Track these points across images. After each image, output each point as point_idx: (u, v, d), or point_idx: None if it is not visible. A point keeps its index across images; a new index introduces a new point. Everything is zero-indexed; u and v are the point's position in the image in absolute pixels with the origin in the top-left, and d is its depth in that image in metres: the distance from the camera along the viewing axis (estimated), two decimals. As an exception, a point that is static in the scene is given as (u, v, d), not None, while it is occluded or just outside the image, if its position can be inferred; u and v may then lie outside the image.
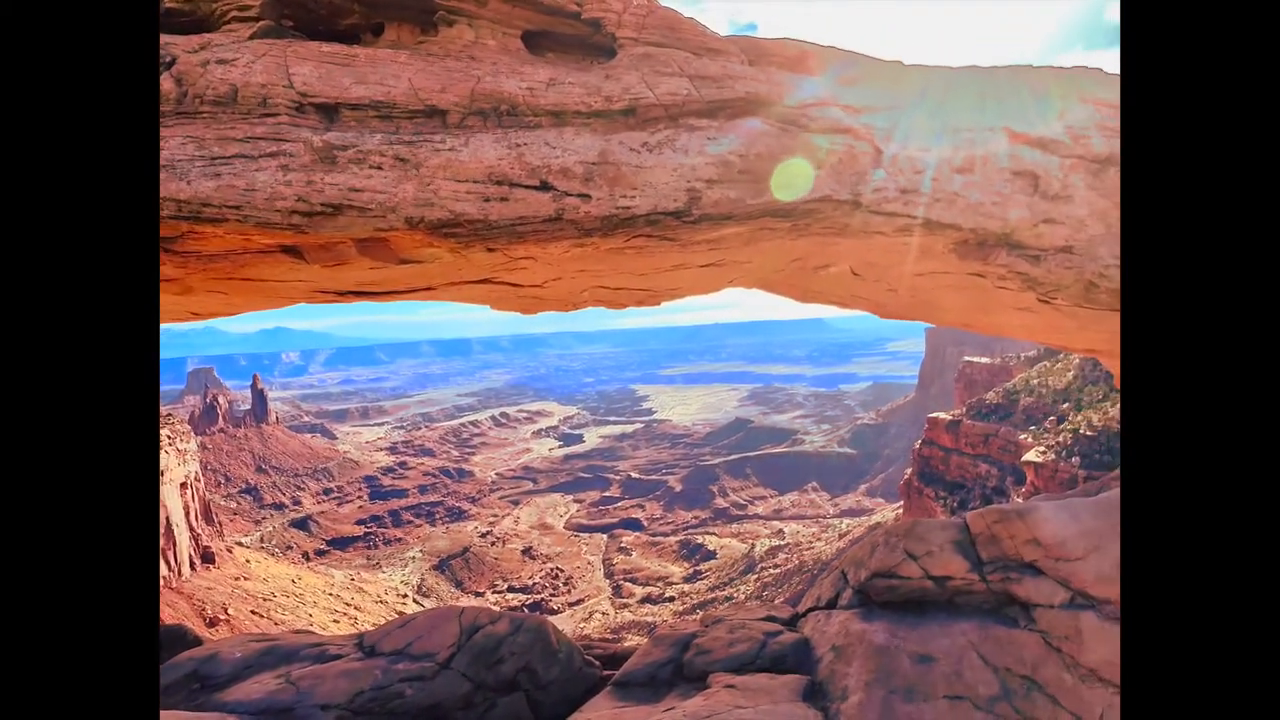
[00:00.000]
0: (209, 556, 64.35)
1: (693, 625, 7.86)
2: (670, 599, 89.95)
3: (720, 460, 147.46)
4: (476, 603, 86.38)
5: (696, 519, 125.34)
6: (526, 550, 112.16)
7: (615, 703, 6.67)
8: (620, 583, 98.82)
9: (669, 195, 8.50)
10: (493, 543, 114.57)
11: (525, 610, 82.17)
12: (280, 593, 65.39)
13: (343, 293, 10.59)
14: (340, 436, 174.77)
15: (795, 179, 9.26)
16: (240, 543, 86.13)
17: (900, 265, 11.53)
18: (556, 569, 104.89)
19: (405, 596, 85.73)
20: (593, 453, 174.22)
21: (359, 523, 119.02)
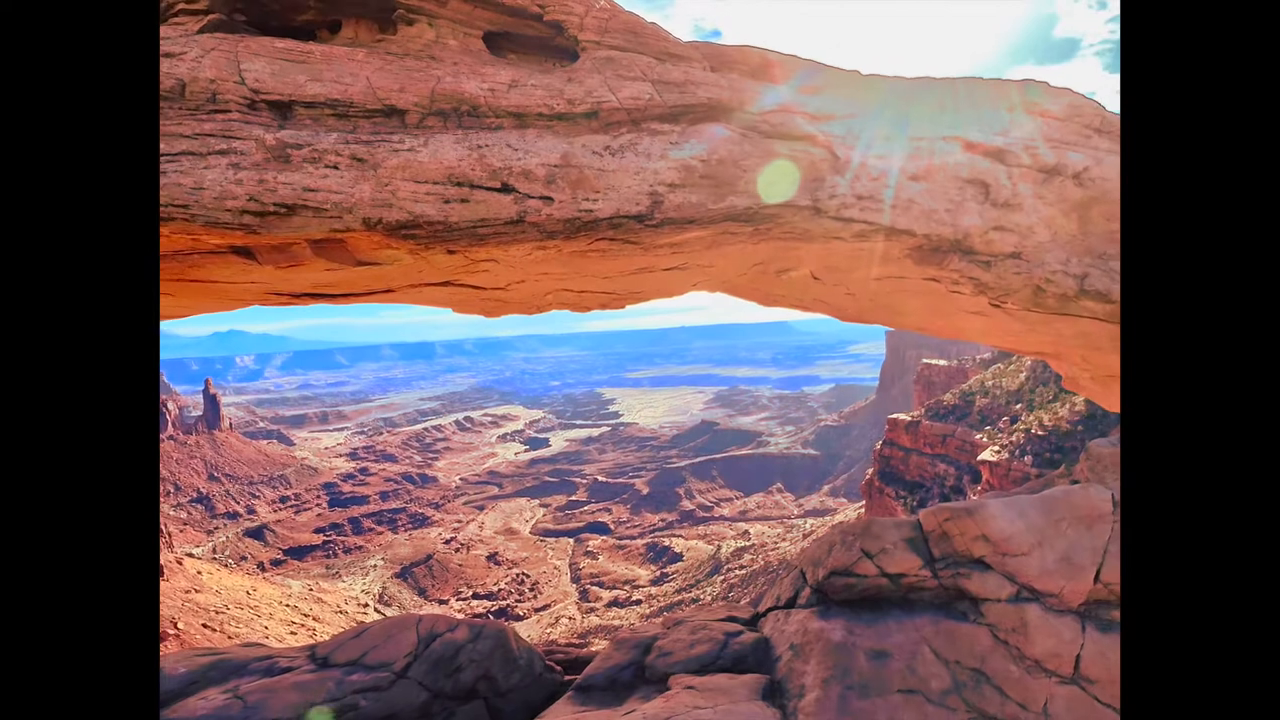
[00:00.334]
0: (157, 569, 61.76)
1: (655, 628, 7.88)
2: (637, 602, 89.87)
3: (687, 463, 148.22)
4: (441, 610, 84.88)
5: (663, 522, 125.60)
6: (492, 556, 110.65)
7: (576, 707, 6.64)
8: (587, 587, 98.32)
9: (632, 199, 8.53)
10: (457, 549, 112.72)
11: (490, 617, 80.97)
12: (234, 605, 63.07)
13: (298, 295, 10.32)
14: (298, 442, 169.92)
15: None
16: (191, 554, 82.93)
17: (859, 270, 11.80)
18: (522, 574, 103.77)
19: (366, 606, 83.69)
20: (559, 456, 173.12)
21: (318, 531, 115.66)
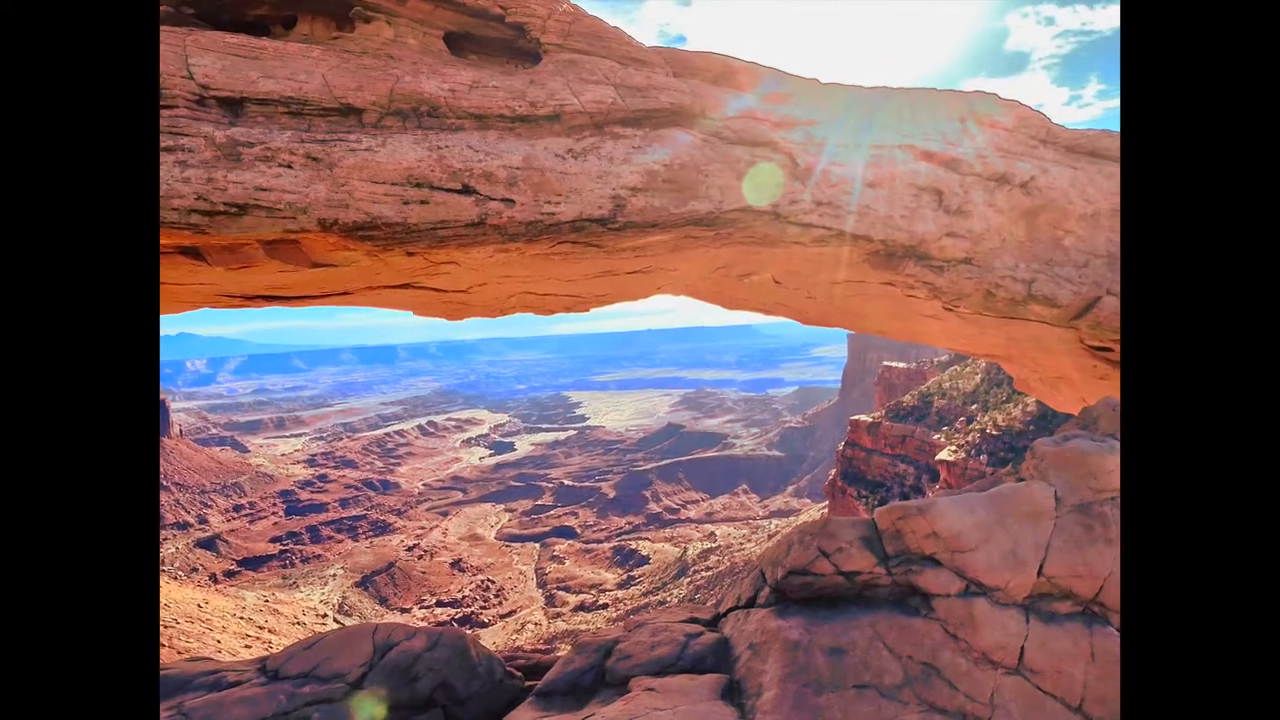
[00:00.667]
0: (100, 582, 58.85)
1: (617, 631, 7.88)
2: (604, 606, 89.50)
3: (653, 465, 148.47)
4: (403, 619, 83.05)
5: (630, 525, 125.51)
6: (456, 563, 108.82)
7: (537, 713, 6.59)
8: (553, 592, 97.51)
9: (594, 202, 8.56)
10: (420, 556, 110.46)
11: (454, 624, 79.67)
12: (184, 618, 60.51)
13: (251, 297, 10.03)
14: (253, 449, 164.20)
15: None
16: (137, 566, 79.21)
17: (819, 274, 12.05)
18: (487, 580, 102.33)
19: (325, 616, 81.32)
20: (525, 461, 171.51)
21: (274, 540, 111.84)
